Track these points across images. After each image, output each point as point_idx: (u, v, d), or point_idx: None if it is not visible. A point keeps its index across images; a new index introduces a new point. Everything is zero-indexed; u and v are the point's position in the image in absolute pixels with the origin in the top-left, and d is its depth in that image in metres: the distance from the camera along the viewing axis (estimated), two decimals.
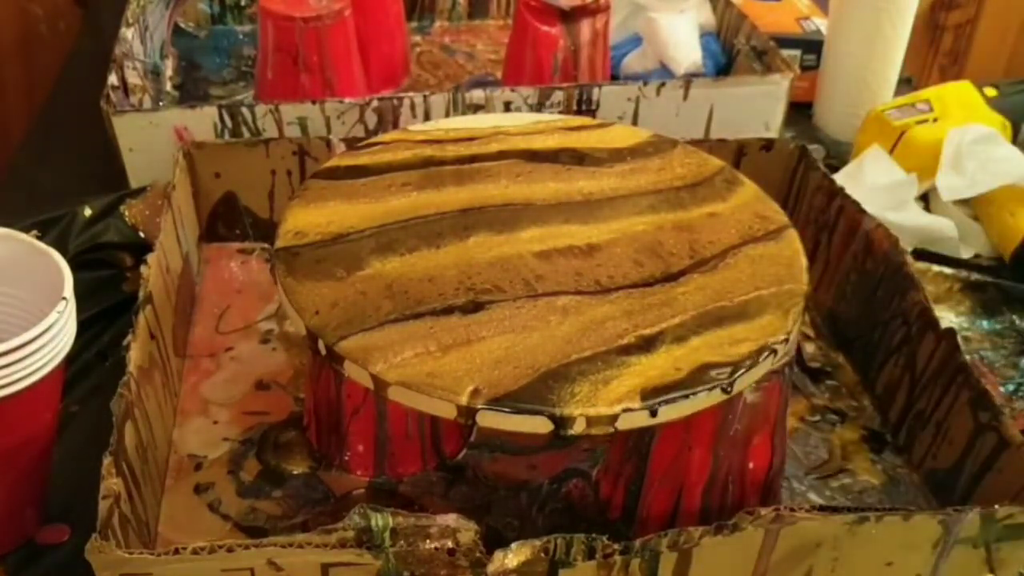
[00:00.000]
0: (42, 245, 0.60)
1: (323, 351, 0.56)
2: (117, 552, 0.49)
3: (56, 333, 0.55)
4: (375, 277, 0.60)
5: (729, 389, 0.55)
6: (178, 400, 0.71)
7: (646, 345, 0.56)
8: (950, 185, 0.88)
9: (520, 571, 0.51)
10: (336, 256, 0.62)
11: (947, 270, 0.86)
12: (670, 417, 0.54)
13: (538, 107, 0.89)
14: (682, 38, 1.03)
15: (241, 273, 0.83)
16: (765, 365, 0.56)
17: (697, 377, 0.54)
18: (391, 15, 1.05)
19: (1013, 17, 1.61)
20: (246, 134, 0.86)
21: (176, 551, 0.50)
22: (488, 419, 0.53)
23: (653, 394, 0.53)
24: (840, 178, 0.85)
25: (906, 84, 1.07)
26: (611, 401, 0.53)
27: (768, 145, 0.84)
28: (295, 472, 0.66)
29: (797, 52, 1.06)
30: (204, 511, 0.64)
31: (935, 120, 0.92)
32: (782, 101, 0.94)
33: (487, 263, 0.62)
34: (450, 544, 0.51)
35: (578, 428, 0.53)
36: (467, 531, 0.51)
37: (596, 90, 0.90)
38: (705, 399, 0.54)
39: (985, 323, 0.82)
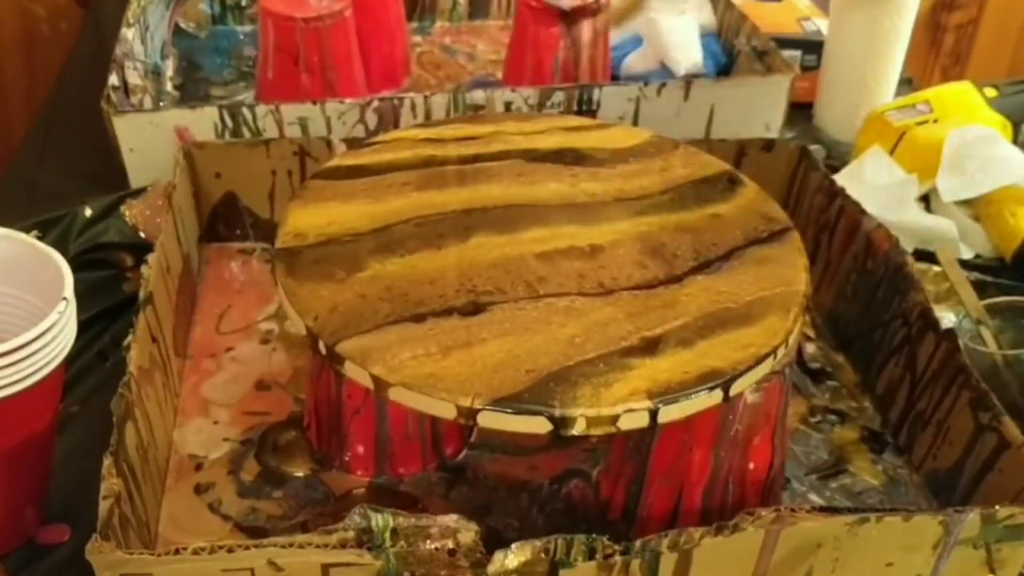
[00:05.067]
0: (42, 245, 0.60)
1: (323, 352, 0.56)
2: (117, 552, 0.49)
3: (56, 333, 0.55)
4: (375, 278, 0.60)
5: (729, 391, 0.55)
6: (178, 400, 0.71)
7: (649, 347, 0.56)
8: (950, 186, 0.88)
9: (520, 571, 0.51)
10: (336, 257, 0.62)
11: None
12: (670, 418, 0.54)
13: (539, 107, 0.89)
14: (683, 38, 1.03)
15: (241, 273, 0.83)
16: (766, 366, 0.56)
17: (701, 380, 0.54)
18: (392, 15, 1.05)
19: (1014, 18, 1.61)
20: (247, 134, 0.86)
21: (176, 551, 0.50)
22: (489, 419, 0.53)
23: (655, 396, 0.53)
24: (840, 179, 0.84)
25: (907, 85, 1.07)
26: (612, 402, 0.53)
27: (769, 146, 0.84)
28: (295, 475, 0.66)
29: (798, 53, 1.06)
30: (204, 511, 0.64)
31: (935, 121, 0.92)
32: (783, 102, 0.94)
33: (488, 264, 0.61)
34: (450, 544, 0.51)
35: (578, 428, 0.53)
36: (467, 531, 0.51)
37: (596, 90, 0.90)
38: (705, 400, 0.54)
39: None
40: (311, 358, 0.66)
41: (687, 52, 1.02)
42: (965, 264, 0.87)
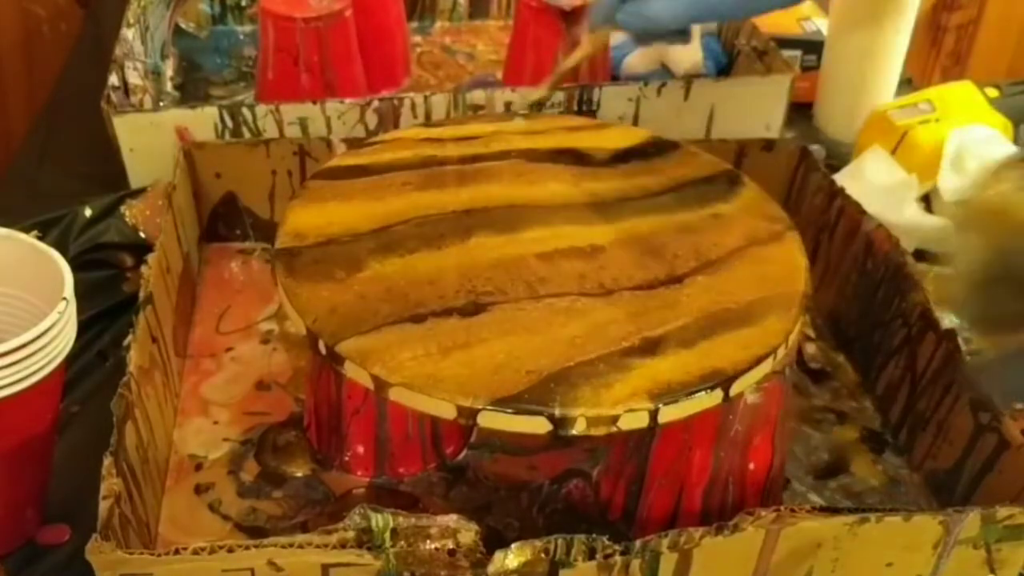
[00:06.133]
0: (42, 245, 0.60)
1: (323, 352, 0.56)
2: (117, 552, 0.49)
3: (56, 333, 0.55)
4: (375, 279, 0.60)
5: (729, 391, 0.55)
6: (178, 400, 0.71)
7: (650, 348, 0.56)
8: (952, 186, 0.88)
9: (520, 571, 0.51)
10: (336, 257, 0.62)
11: (948, 271, 0.86)
12: (671, 418, 0.54)
13: (539, 107, 0.89)
14: None
15: (241, 273, 0.83)
16: (766, 366, 0.56)
17: (701, 380, 0.54)
18: (392, 15, 1.05)
19: (1014, 18, 1.61)
20: (247, 134, 0.86)
21: (176, 551, 0.50)
22: (489, 420, 0.53)
23: (655, 396, 0.53)
24: (841, 179, 0.84)
25: (907, 85, 1.07)
26: (613, 403, 0.53)
27: (769, 146, 0.84)
28: (295, 475, 0.66)
29: (798, 52, 1.06)
30: (204, 511, 0.64)
31: (937, 120, 0.92)
32: (783, 102, 0.94)
33: (488, 264, 0.61)
34: (450, 544, 0.51)
35: (578, 428, 0.53)
36: (467, 531, 0.51)
37: (596, 90, 0.90)
38: (706, 400, 0.54)
39: None
40: (311, 358, 0.66)
41: (687, 52, 1.02)
42: None
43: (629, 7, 0.70)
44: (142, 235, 0.82)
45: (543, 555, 0.51)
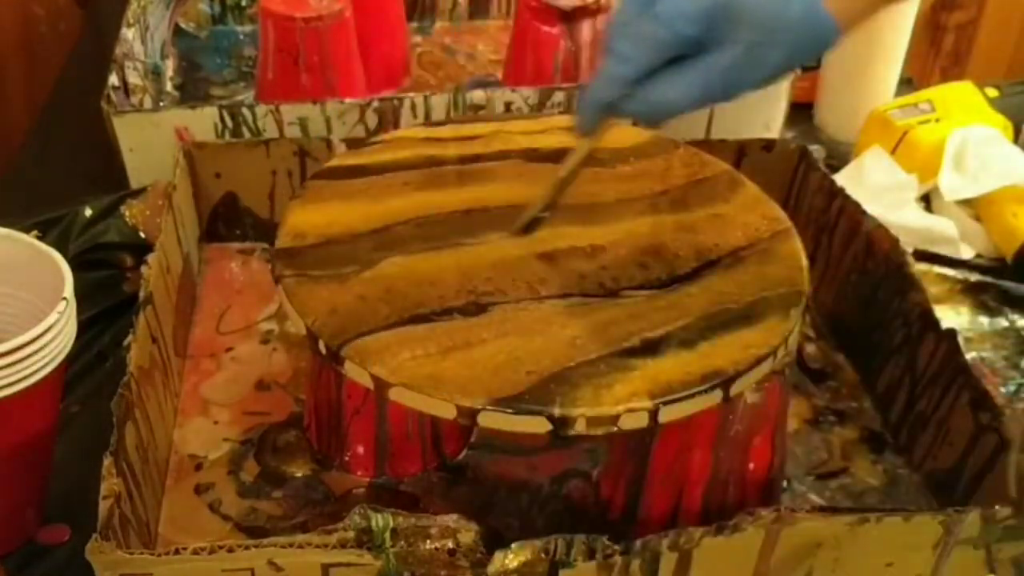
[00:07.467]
0: (42, 245, 0.60)
1: (324, 352, 0.56)
2: (118, 552, 0.49)
3: (56, 333, 0.55)
4: (375, 279, 0.60)
5: (729, 391, 0.55)
6: (178, 400, 0.71)
7: (651, 348, 0.56)
8: (952, 185, 0.88)
9: (520, 571, 0.51)
10: (336, 257, 0.62)
11: (948, 271, 0.86)
12: (671, 418, 0.54)
13: (539, 107, 0.89)
14: None
15: (241, 273, 0.83)
16: (766, 366, 0.56)
17: (702, 380, 0.54)
18: (392, 15, 1.05)
19: (1014, 17, 1.61)
20: (247, 134, 0.86)
21: (176, 551, 0.50)
22: (489, 419, 0.53)
23: (655, 396, 0.53)
24: (840, 179, 0.84)
25: (907, 85, 1.07)
26: (613, 403, 0.53)
27: (769, 146, 0.84)
28: (295, 475, 0.66)
29: None
30: (204, 511, 0.64)
31: (937, 120, 0.92)
32: (783, 101, 0.94)
33: (488, 264, 0.61)
34: (450, 544, 0.51)
35: (579, 428, 0.52)
36: (467, 531, 0.51)
37: None
38: (705, 400, 0.54)
39: (986, 324, 0.82)
40: (311, 358, 0.66)
41: None
42: (966, 265, 0.87)
43: (639, 95, 0.59)
44: (142, 235, 0.82)
45: (543, 555, 0.51)
